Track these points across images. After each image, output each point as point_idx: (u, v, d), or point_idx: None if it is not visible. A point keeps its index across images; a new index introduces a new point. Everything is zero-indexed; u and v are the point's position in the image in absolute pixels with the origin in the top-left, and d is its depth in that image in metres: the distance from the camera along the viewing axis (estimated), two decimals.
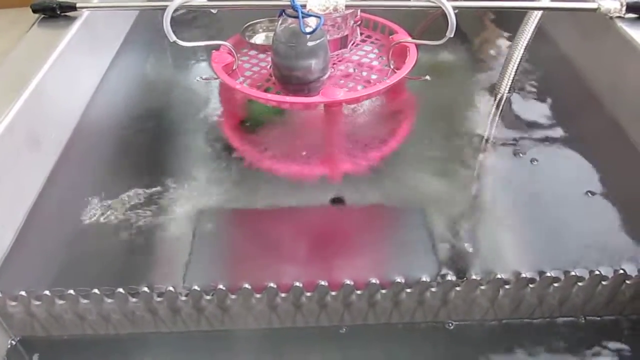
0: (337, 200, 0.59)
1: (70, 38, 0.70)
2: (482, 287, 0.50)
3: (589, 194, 0.59)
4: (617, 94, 0.69)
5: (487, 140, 0.67)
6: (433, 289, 0.50)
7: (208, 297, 0.50)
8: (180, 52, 0.84)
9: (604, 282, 0.50)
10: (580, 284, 0.50)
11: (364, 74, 0.72)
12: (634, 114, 0.66)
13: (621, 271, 0.50)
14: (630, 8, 0.67)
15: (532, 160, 0.64)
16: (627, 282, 0.50)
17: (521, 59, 0.71)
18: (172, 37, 0.63)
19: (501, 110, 0.72)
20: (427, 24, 0.85)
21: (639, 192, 0.60)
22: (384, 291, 0.50)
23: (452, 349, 0.51)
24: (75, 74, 0.71)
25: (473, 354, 0.50)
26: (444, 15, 0.61)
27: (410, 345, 0.51)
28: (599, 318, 0.52)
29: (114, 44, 0.86)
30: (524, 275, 0.50)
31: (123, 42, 0.87)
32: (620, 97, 0.69)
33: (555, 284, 0.50)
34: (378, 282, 0.49)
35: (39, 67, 0.63)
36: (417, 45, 0.72)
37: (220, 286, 0.49)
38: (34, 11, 0.73)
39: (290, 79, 0.64)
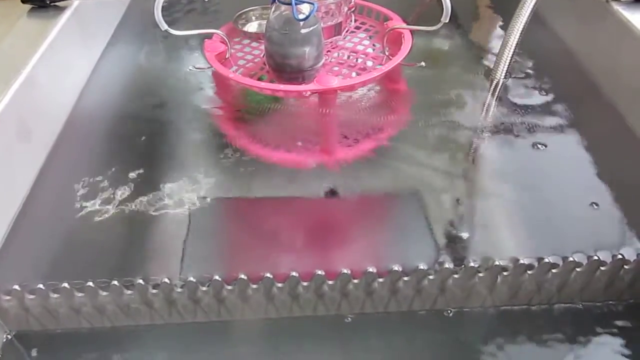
0: (332, 192, 0.59)
1: (61, 28, 0.69)
2: (481, 274, 0.50)
3: (587, 178, 0.59)
4: (615, 77, 0.69)
5: (483, 126, 0.67)
6: (431, 277, 0.50)
7: (204, 289, 0.49)
8: (173, 42, 0.83)
9: (602, 268, 0.50)
10: (578, 269, 0.50)
11: (359, 61, 0.72)
12: (631, 97, 0.65)
13: (620, 256, 0.50)
14: None
15: (529, 146, 0.63)
16: (626, 267, 0.50)
17: (517, 44, 0.70)
18: (164, 26, 0.62)
19: (497, 96, 0.72)
20: (422, 9, 0.84)
21: (637, 175, 0.60)
22: (381, 280, 0.49)
23: (451, 337, 0.50)
24: (66, 65, 0.71)
25: (472, 341, 0.50)
26: (438, 1, 0.61)
27: (409, 334, 0.51)
28: (597, 304, 0.52)
29: (106, 34, 0.85)
30: (522, 261, 0.50)
31: (114, 32, 0.86)
32: (617, 81, 0.68)
33: (554, 270, 0.50)
34: (375, 270, 0.49)
35: (29, 58, 0.62)
36: (411, 32, 0.71)
37: (216, 277, 0.49)
38: (23, 1, 0.72)
39: (284, 67, 0.63)
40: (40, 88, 0.63)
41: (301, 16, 0.60)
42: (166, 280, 0.49)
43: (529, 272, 0.50)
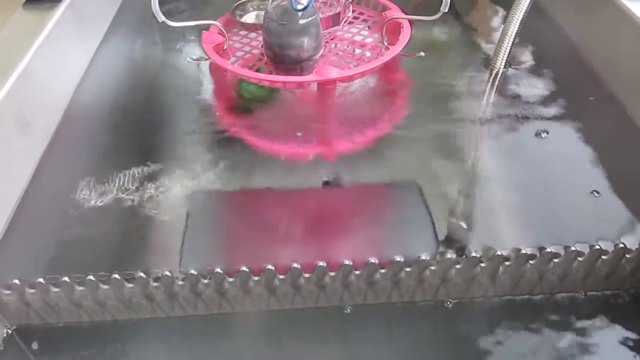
0: (328, 183, 0.59)
1: (57, 20, 0.68)
2: (482, 265, 0.50)
3: (588, 167, 0.59)
4: (614, 67, 0.69)
5: (483, 116, 0.67)
6: (433, 268, 0.49)
7: (205, 281, 0.49)
8: (170, 33, 0.83)
9: (604, 257, 0.50)
10: (580, 259, 0.50)
11: (358, 51, 0.71)
12: (630, 86, 0.65)
13: (621, 245, 0.50)
14: None
15: (528, 136, 0.63)
16: (627, 256, 0.50)
17: (516, 33, 0.70)
18: (161, 18, 0.62)
19: (497, 86, 0.71)
20: None
21: (637, 164, 0.60)
22: (383, 271, 0.49)
23: (452, 327, 0.50)
24: (63, 57, 0.70)
25: (473, 331, 0.50)
26: None
27: (410, 324, 0.51)
28: (599, 293, 0.52)
29: (102, 25, 0.84)
30: (524, 251, 0.50)
31: (111, 23, 0.85)
32: (617, 70, 0.68)
33: (556, 260, 0.50)
34: (377, 261, 0.49)
35: (26, 50, 0.62)
36: (410, 22, 0.71)
37: (218, 269, 0.48)
38: None
39: (282, 58, 0.63)
40: (38, 81, 0.63)
41: (299, 7, 0.60)
42: (167, 273, 0.48)
43: (530, 261, 0.50)
